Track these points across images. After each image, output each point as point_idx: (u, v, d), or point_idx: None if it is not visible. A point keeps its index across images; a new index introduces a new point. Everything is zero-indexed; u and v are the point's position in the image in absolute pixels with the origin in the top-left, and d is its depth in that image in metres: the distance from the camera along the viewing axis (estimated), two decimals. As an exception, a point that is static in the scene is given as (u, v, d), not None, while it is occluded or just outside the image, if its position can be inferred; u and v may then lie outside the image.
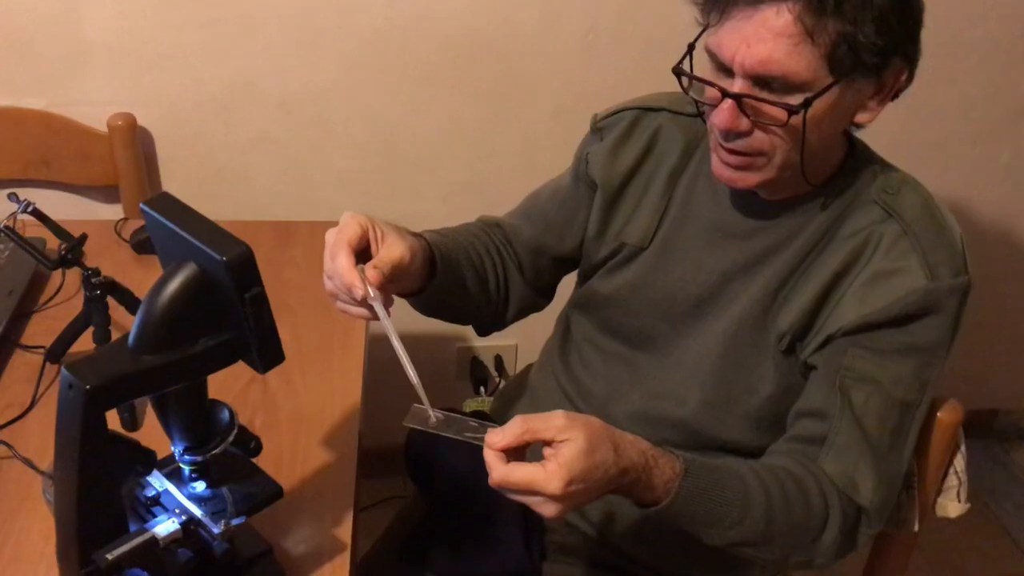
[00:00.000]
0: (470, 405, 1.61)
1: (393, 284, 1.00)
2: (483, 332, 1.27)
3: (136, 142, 1.67)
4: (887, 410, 1.02)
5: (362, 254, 0.98)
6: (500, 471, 0.83)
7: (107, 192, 1.75)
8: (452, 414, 0.93)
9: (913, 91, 1.02)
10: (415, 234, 1.07)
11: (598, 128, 1.21)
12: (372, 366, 1.31)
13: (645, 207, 1.16)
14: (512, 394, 1.34)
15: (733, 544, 0.97)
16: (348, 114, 1.75)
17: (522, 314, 1.28)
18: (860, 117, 1.00)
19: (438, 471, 1.21)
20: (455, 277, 1.14)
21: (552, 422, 0.85)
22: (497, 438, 0.84)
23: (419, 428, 0.91)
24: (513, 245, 1.26)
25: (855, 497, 1.01)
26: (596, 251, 1.20)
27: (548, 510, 0.84)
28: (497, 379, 2.05)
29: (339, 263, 0.95)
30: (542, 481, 0.82)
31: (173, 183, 1.77)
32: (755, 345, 1.08)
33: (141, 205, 0.84)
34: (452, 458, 1.24)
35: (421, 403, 0.91)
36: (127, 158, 1.67)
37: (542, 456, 0.85)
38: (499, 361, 2.05)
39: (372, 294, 0.94)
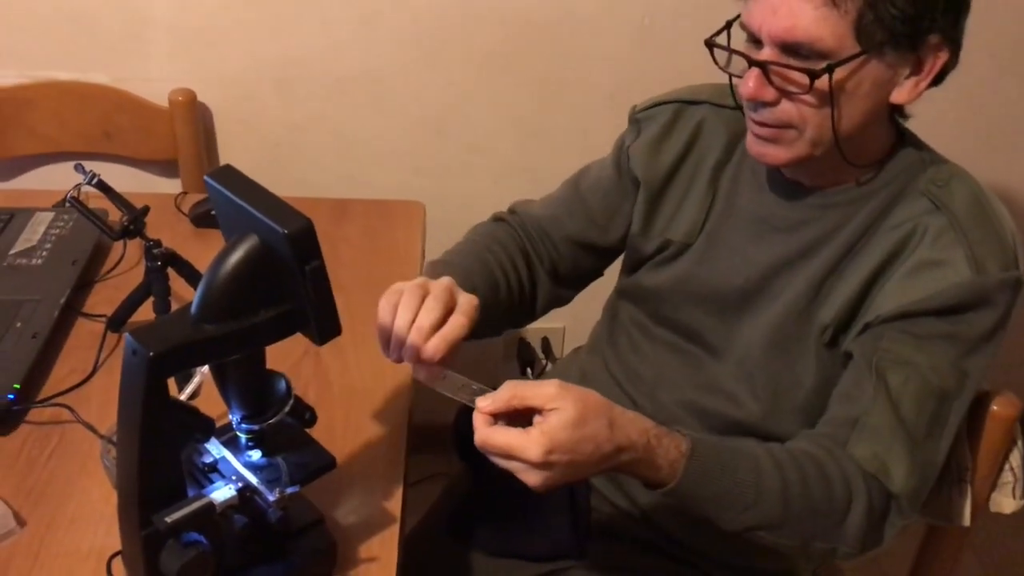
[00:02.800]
0: (518, 386, 1.62)
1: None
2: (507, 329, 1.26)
3: (196, 117, 1.70)
4: (924, 396, 0.98)
5: None
6: (482, 432, 0.83)
7: (166, 166, 1.79)
8: (460, 376, 0.92)
9: (975, 81, 1.01)
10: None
11: (636, 120, 1.20)
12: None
13: (690, 202, 1.15)
14: (562, 377, 1.34)
15: (749, 528, 0.94)
16: (403, 94, 1.76)
17: (547, 310, 1.27)
18: (897, 96, 0.98)
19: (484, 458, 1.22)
20: (486, 314, 1.12)
21: (542, 390, 0.84)
22: (486, 403, 0.84)
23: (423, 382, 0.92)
24: (550, 237, 1.24)
25: (886, 482, 0.96)
26: (641, 246, 1.20)
27: (530, 479, 0.83)
28: (544, 361, 2.05)
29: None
30: (519, 447, 0.82)
31: (230, 158, 1.80)
32: (799, 338, 1.07)
33: (205, 177, 0.85)
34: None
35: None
36: (186, 133, 1.70)
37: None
38: (546, 344, 2.05)
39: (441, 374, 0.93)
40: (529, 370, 2.01)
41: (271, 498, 0.85)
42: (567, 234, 1.24)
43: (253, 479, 0.88)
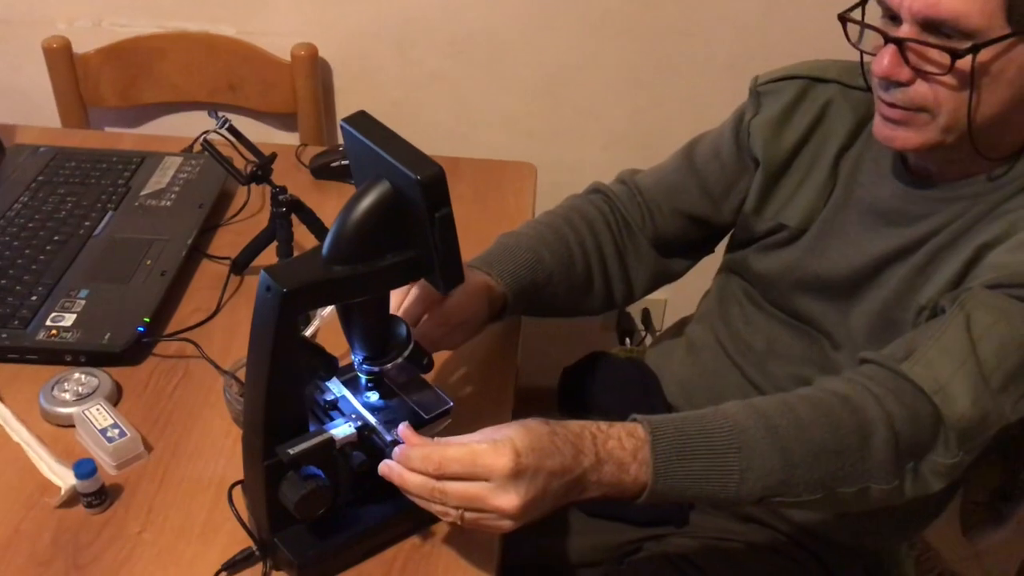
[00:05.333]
0: (620, 354, 1.62)
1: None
2: (597, 313, 1.25)
3: (316, 72, 1.74)
4: (1011, 345, 0.88)
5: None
6: (427, 450, 0.80)
7: (285, 119, 1.83)
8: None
9: None
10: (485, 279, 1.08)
11: (757, 93, 1.15)
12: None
13: (808, 187, 1.11)
14: (669, 346, 1.34)
15: (761, 497, 0.85)
16: (518, 56, 1.77)
17: (653, 286, 1.25)
18: None
19: (592, 412, 1.22)
20: (553, 290, 1.14)
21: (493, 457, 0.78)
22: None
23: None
24: (660, 208, 1.20)
25: (942, 405, 0.86)
26: (753, 225, 1.17)
27: (501, 502, 0.77)
28: (643, 332, 2.05)
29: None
30: (483, 453, 0.78)
31: (347, 113, 1.82)
32: (897, 323, 1.03)
33: (341, 122, 0.87)
34: (605, 399, 1.26)
35: None
36: (307, 87, 1.74)
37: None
38: (646, 315, 2.04)
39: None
40: (628, 340, 2.02)
41: (388, 438, 0.87)
42: (678, 206, 1.21)
43: (371, 419, 0.90)
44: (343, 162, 1.45)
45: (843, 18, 0.97)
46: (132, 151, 1.48)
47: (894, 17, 0.92)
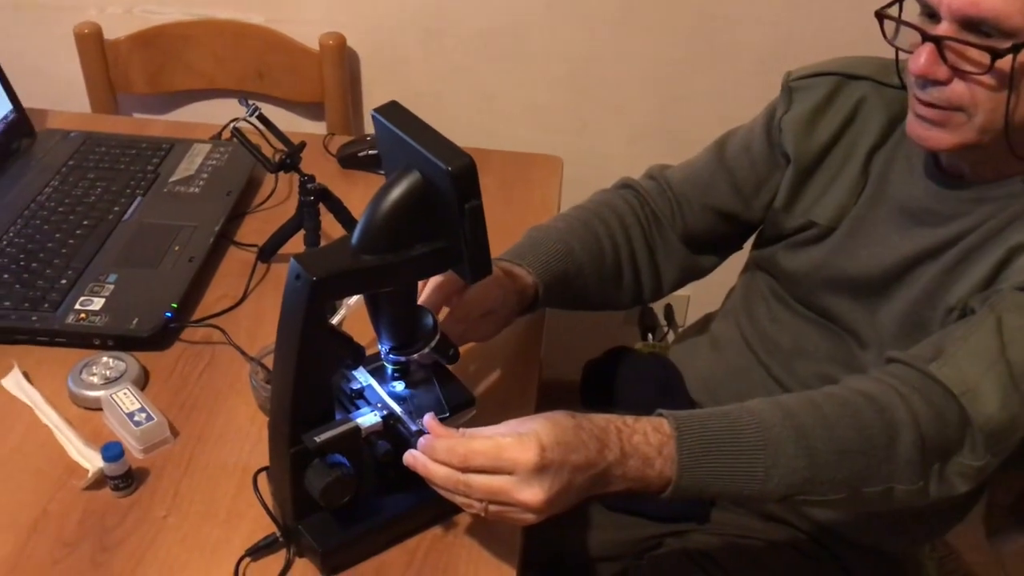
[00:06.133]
0: (643, 349, 1.62)
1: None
2: (626, 308, 1.25)
3: (344, 62, 1.74)
4: None
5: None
6: (451, 443, 0.79)
7: (312, 108, 1.84)
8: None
9: None
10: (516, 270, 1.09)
11: (789, 89, 1.14)
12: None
13: (839, 185, 1.11)
14: (693, 342, 1.33)
15: (785, 496, 0.85)
16: (545, 49, 1.76)
17: (681, 282, 1.25)
18: None
19: (615, 406, 1.22)
20: (583, 281, 1.14)
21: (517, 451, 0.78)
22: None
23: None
24: (690, 203, 1.20)
25: (970, 407, 0.86)
26: (781, 222, 1.16)
27: (524, 496, 0.77)
28: (666, 328, 2.04)
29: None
30: (507, 447, 0.77)
31: (373, 104, 1.82)
32: (925, 323, 1.02)
33: (372, 112, 0.88)
34: (628, 394, 1.26)
35: None
36: (335, 76, 1.74)
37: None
38: (669, 310, 2.04)
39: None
40: (651, 335, 2.01)
41: (413, 428, 0.88)
42: (708, 202, 1.20)
43: (397, 408, 0.91)
44: (370, 152, 1.45)
45: (880, 15, 0.96)
46: (161, 137, 1.49)
47: (932, 15, 0.91)
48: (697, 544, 1.17)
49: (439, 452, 0.80)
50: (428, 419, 0.84)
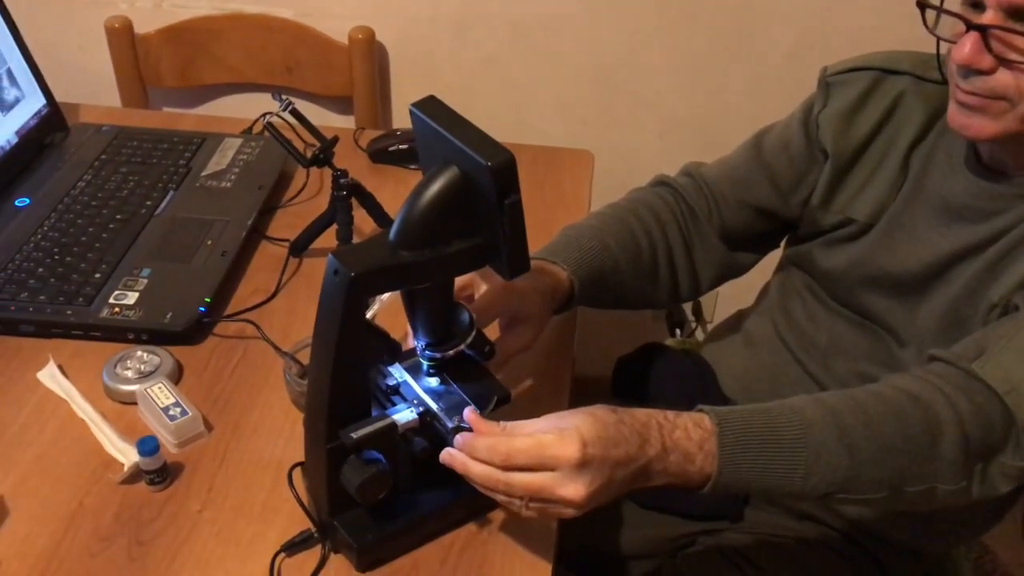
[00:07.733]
0: (674, 345, 1.61)
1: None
2: (662, 306, 1.24)
3: (373, 55, 1.74)
4: None
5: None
6: (492, 441, 0.79)
7: (341, 102, 1.83)
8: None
9: None
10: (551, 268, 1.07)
11: (827, 84, 1.13)
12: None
13: (878, 181, 1.09)
14: (726, 339, 1.32)
15: (827, 494, 0.84)
16: (575, 42, 1.75)
17: (719, 280, 1.24)
18: None
19: (649, 403, 1.21)
20: (618, 278, 1.13)
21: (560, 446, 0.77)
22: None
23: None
24: (728, 201, 1.19)
25: (1014, 406, 0.85)
26: (819, 219, 1.14)
27: (567, 491, 0.77)
28: (694, 324, 2.03)
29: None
30: (550, 444, 0.77)
31: (402, 98, 1.84)
32: (966, 321, 1.01)
33: (410, 106, 0.87)
34: (661, 391, 1.25)
35: None
36: (364, 70, 1.74)
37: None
38: (697, 307, 2.02)
39: None
40: (679, 331, 2.00)
41: (450, 424, 0.87)
42: (746, 199, 1.19)
43: (433, 405, 0.90)
44: (401, 146, 1.45)
45: (922, 4, 0.95)
46: (192, 131, 1.49)
47: (976, 4, 0.91)
48: (731, 542, 1.16)
49: (480, 451, 0.80)
50: (469, 413, 0.83)
